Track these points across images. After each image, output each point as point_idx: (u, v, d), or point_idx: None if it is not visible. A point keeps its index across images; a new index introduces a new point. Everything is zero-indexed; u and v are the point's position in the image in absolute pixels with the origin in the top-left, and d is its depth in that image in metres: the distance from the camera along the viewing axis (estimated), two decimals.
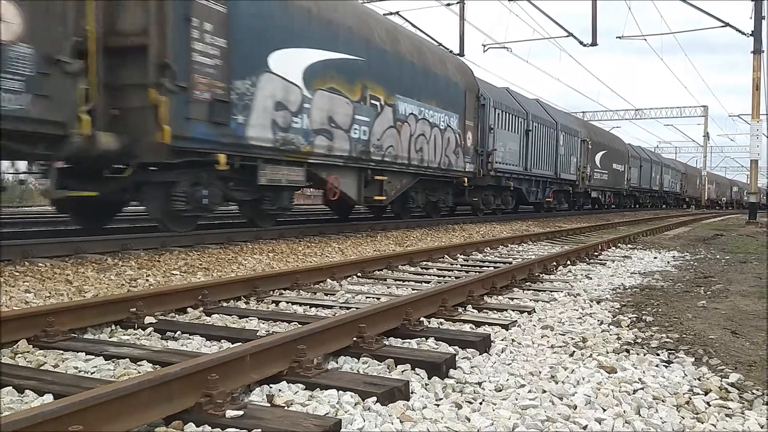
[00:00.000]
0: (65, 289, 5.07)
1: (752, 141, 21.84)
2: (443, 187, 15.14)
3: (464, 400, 2.63)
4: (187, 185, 8.01)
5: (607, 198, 30.76)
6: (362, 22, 11.24)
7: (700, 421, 2.48)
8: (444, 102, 14.06)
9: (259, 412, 2.33)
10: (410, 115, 12.67)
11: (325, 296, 5.10)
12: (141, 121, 7.13)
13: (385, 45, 11.73)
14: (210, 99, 7.81)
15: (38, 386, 2.56)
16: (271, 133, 8.97)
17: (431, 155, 13.63)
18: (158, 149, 7.16)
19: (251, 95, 8.57)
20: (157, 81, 7.12)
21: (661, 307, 4.81)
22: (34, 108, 6.04)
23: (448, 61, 14.78)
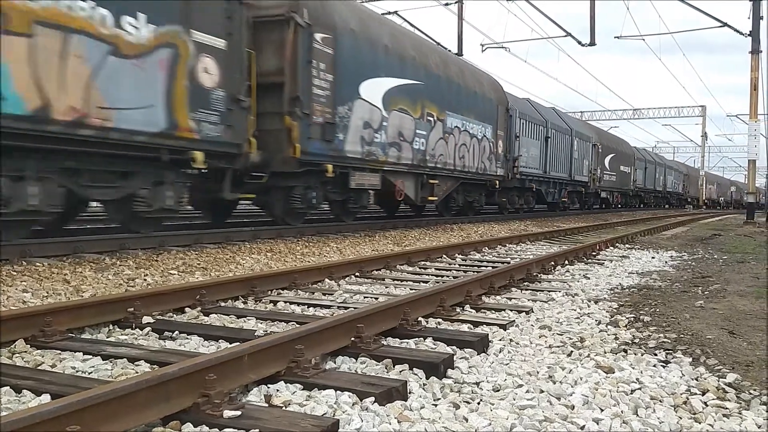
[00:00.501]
0: (63, 288, 5.07)
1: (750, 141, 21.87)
2: (478, 189, 17.24)
3: (462, 400, 2.63)
4: (302, 189, 10.17)
5: (615, 198, 32.76)
6: (421, 52, 13.48)
7: (698, 422, 2.48)
8: (481, 115, 16.25)
9: (257, 412, 2.33)
10: (455, 127, 14.82)
11: (323, 296, 5.10)
12: (278, 140, 9.34)
13: (438, 70, 13.97)
14: (322, 122, 10.04)
15: (36, 386, 2.55)
16: (360, 146, 11.11)
17: (470, 162, 15.76)
18: (290, 162, 9.43)
19: (348, 117, 10.75)
20: (290, 110, 9.41)
21: (659, 307, 4.81)
22: (225, 134, 8.22)
23: (484, 80, 17.10)
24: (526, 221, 18.07)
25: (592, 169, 27.23)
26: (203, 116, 7.86)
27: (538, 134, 21.16)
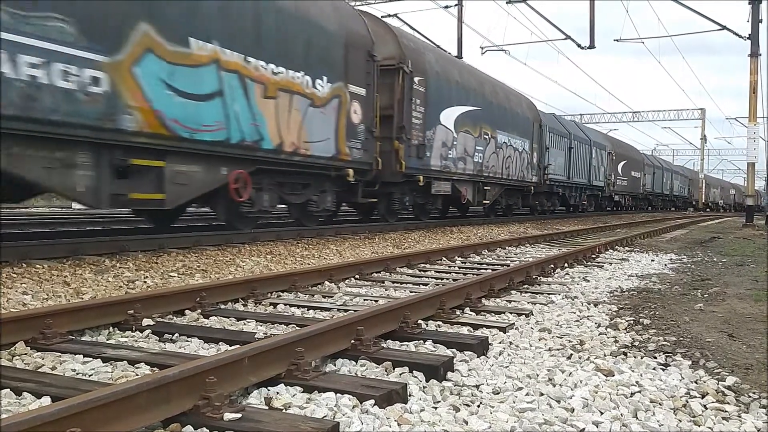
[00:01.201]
0: (63, 290, 5.07)
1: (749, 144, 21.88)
2: (517, 194, 20.42)
3: (462, 403, 2.64)
4: (400, 194, 13.23)
5: (627, 200, 35.91)
6: (480, 83, 16.61)
7: (697, 424, 2.48)
8: (521, 132, 19.32)
9: (257, 414, 2.33)
10: (503, 143, 17.87)
11: (323, 298, 5.10)
12: (389, 158, 12.22)
13: (491, 97, 17.09)
14: (417, 144, 13.04)
15: (36, 388, 2.56)
16: (439, 161, 14.11)
17: (513, 171, 18.73)
18: (396, 174, 12.43)
19: (432, 139, 13.75)
20: (398, 135, 12.41)
21: (659, 310, 4.82)
22: (364, 156, 11.24)
23: (522, 101, 20.31)
24: (525, 224, 18.10)
25: (607, 174, 30.28)
26: (353, 144, 10.92)
27: (563, 145, 23.96)
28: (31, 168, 6.09)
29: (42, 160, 6.15)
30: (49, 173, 6.22)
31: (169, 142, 7.36)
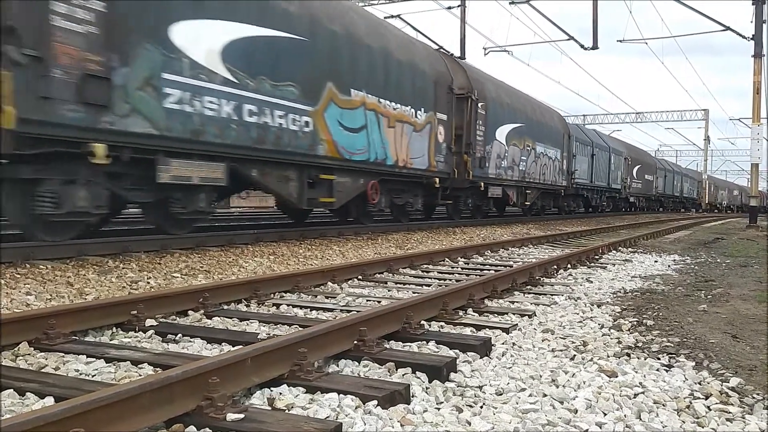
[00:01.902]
0: (66, 291, 5.08)
1: (753, 144, 21.82)
2: (550, 196, 23.66)
3: (465, 404, 2.63)
4: (464, 198, 16.52)
5: (641, 202, 39.11)
6: (523, 103, 19.80)
7: (701, 426, 2.48)
8: (554, 142, 22.35)
9: (260, 415, 2.33)
10: (541, 153, 20.91)
11: (325, 299, 5.10)
12: (461, 169, 14.96)
13: (532, 114, 20.20)
14: (480, 156, 15.78)
15: (39, 389, 2.56)
16: (494, 170, 17.05)
17: (548, 177, 21.83)
18: (465, 182, 15.18)
19: (490, 152, 16.60)
20: (467, 150, 15.10)
21: (662, 311, 4.81)
22: (445, 167, 14.27)
23: (555, 116, 23.81)
24: (529, 224, 18.10)
25: (624, 178, 33.29)
26: (438, 158, 14.00)
27: (586, 152, 27.06)
28: (270, 180, 9.24)
29: (276, 176, 9.32)
30: (278, 184, 9.40)
31: (338, 163, 10.52)
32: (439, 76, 14.02)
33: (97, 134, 6.53)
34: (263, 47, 8.72)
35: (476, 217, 17.88)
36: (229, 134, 8.15)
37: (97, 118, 6.50)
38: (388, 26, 13.26)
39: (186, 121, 7.53)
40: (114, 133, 6.70)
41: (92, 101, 6.40)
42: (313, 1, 9.83)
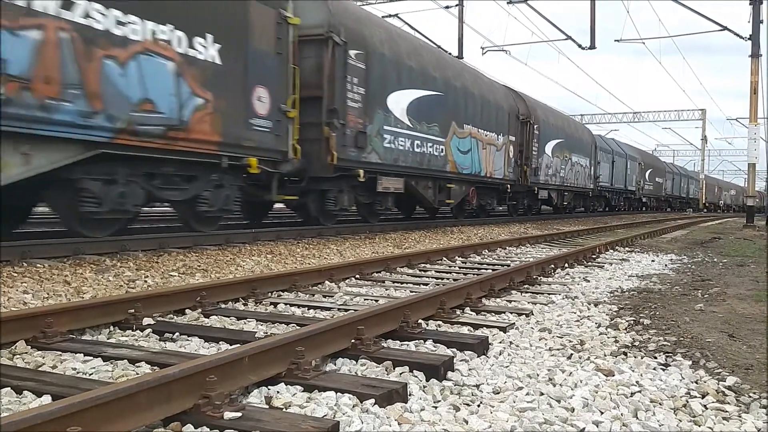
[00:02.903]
0: (63, 290, 5.07)
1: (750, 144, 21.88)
2: (580, 198, 27.84)
3: (462, 403, 2.64)
4: (522, 199, 20.30)
5: (652, 202, 43.40)
6: (564, 122, 24.50)
7: (697, 424, 2.48)
8: (584, 152, 26.69)
9: (258, 413, 2.33)
10: (575, 162, 25.29)
11: (323, 298, 5.10)
12: (522, 176, 19.60)
13: (569, 130, 24.72)
14: (534, 167, 19.93)
15: (36, 387, 2.56)
16: (543, 177, 21.25)
17: (579, 181, 26.13)
18: (524, 187, 19.63)
19: (540, 163, 20.80)
20: (526, 163, 19.68)
21: (659, 311, 4.82)
22: (513, 176, 19.27)
23: (585, 131, 28.77)
24: (526, 224, 18.12)
25: (638, 181, 37.61)
26: (509, 169, 18.47)
27: (607, 159, 31.16)
28: (421, 188, 13.83)
29: (424, 185, 13.95)
30: (425, 190, 14.01)
31: (455, 175, 15.23)
32: (510, 108, 18.78)
33: (360, 164, 11.30)
34: (424, 102, 13.40)
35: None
36: (407, 160, 12.91)
37: (360, 155, 11.28)
38: (481, 75, 17.83)
39: (391, 153, 12.33)
40: (366, 163, 11.48)
41: (359, 146, 11.23)
42: (446, 67, 14.73)
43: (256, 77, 8.73)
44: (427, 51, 14.19)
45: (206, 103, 7.89)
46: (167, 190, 7.92)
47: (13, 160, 5.94)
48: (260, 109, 8.83)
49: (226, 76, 8.18)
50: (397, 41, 12.69)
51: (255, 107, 8.73)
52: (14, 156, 5.95)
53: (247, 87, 8.59)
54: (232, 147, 8.39)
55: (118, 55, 6.79)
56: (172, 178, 7.89)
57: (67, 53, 6.26)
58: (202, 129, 7.83)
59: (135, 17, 6.94)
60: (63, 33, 6.20)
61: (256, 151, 8.80)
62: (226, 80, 8.18)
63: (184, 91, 7.58)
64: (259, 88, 8.80)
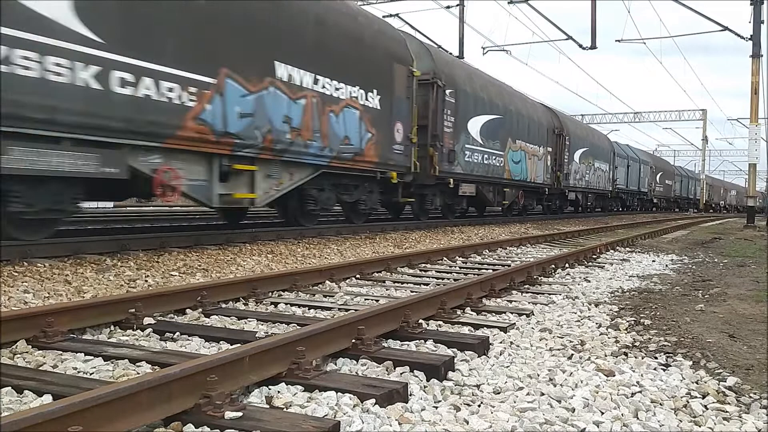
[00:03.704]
0: (64, 289, 5.07)
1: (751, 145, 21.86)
2: (601, 199, 30.88)
3: (462, 403, 2.64)
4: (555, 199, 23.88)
5: (662, 203, 46.71)
6: (589, 133, 28.35)
7: (698, 425, 2.48)
8: (604, 158, 29.97)
9: (258, 413, 2.33)
10: (597, 167, 28.40)
11: (323, 298, 5.10)
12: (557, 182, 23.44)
13: (592, 140, 28.07)
14: (565, 172, 23.28)
15: (37, 387, 2.56)
16: (572, 181, 24.35)
17: (600, 185, 29.25)
18: (557, 189, 23.19)
19: (570, 168, 23.94)
20: (558, 169, 23.21)
21: (660, 311, 4.82)
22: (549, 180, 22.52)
23: (605, 139, 32.32)
24: (527, 224, 18.12)
25: (650, 183, 41.06)
26: (547, 175, 21.51)
27: (624, 164, 34.54)
28: (486, 192, 17.15)
29: (486, 189, 17.13)
30: (488, 194, 17.32)
31: (509, 182, 18.49)
32: (548, 124, 22.21)
33: (451, 175, 14.59)
34: (491, 124, 16.91)
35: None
36: (478, 170, 16.29)
37: (450, 168, 14.57)
38: (527, 98, 21.05)
39: (468, 165, 15.64)
40: (453, 174, 14.77)
41: (450, 160, 14.49)
42: (504, 95, 18.22)
43: (396, 116, 12.27)
44: (492, 84, 17.98)
45: (372, 136, 11.48)
46: (344, 195, 11.52)
47: (285, 176, 9.54)
48: (397, 138, 12.38)
49: (382, 116, 11.79)
50: (474, 79, 16.58)
51: (395, 137, 12.30)
52: (286, 174, 9.55)
53: (391, 123, 12.15)
54: (383, 165, 11.95)
55: (335, 109, 10.39)
56: (347, 186, 11.49)
57: (315, 111, 9.87)
58: (369, 154, 11.43)
59: (343, 84, 10.60)
60: (313, 99, 9.83)
61: (395, 167, 12.33)
62: (381, 119, 11.78)
63: (363, 129, 11.22)
64: (398, 123, 12.37)
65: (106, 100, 6.57)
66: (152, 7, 7.09)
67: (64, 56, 6.18)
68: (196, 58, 7.60)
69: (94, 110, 6.46)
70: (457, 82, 15.06)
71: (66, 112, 6.21)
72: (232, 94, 8.17)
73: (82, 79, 6.35)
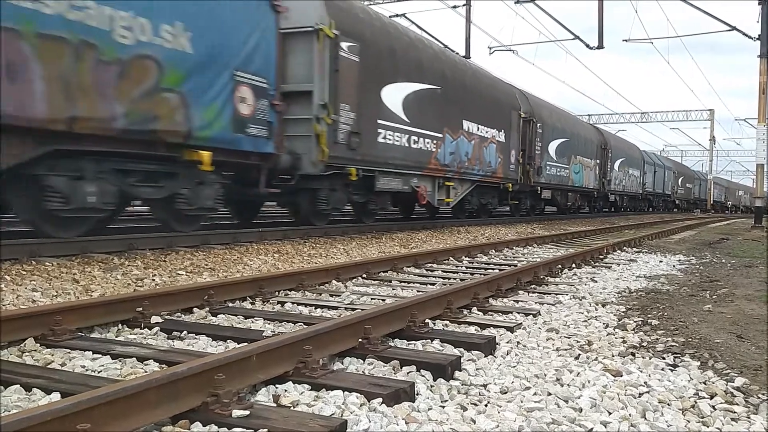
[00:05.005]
0: (72, 288, 5.09)
1: (759, 145, 21.76)
2: (633, 200, 35.84)
3: (469, 402, 2.64)
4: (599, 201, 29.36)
5: (683, 204, 51.75)
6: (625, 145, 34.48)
7: (706, 425, 2.47)
8: (636, 166, 35.46)
9: (266, 412, 2.34)
10: (631, 174, 33.64)
11: (330, 297, 5.10)
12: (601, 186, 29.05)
13: (629, 152, 33.78)
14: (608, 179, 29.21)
15: (45, 385, 2.57)
16: (614, 186, 30.15)
17: (633, 188, 34.50)
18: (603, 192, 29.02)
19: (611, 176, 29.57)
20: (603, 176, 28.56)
21: (667, 311, 4.80)
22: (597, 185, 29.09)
23: (637, 150, 37.15)
24: (533, 224, 18.09)
25: (673, 186, 46.63)
26: (596, 181, 27.44)
27: (651, 170, 39.69)
28: (556, 196, 23.19)
29: (558, 194, 23.37)
30: (558, 197, 23.33)
31: (572, 188, 24.20)
32: (597, 141, 27.57)
33: (538, 184, 20.47)
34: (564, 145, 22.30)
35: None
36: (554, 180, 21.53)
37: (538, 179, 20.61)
38: (583, 122, 27.59)
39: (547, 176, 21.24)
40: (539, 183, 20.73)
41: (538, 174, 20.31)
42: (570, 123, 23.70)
43: (511, 145, 18.07)
44: (563, 115, 24.27)
45: (501, 160, 17.31)
46: (482, 199, 17.20)
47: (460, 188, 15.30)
48: (511, 160, 18.12)
49: (505, 146, 17.64)
50: (553, 113, 22.37)
51: (510, 159, 18.01)
52: (461, 187, 15.35)
53: (509, 150, 17.95)
54: (504, 179, 17.76)
55: (485, 144, 16.28)
56: (483, 194, 17.17)
57: (477, 147, 15.72)
58: (499, 172, 17.23)
59: (488, 128, 16.44)
60: (477, 140, 15.75)
61: (510, 180, 18.09)
62: (504, 148, 17.62)
63: (496, 156, 17.02)
64: (512, 150, 18.18)
65: (407, 151, 12.61)
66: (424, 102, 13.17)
67: (398, 131, 12.27)
68: (437, 125, 13.74)
69: (403, 156, 12.46)
70: (543, 117, 20.82)
71: (395, 158, 12.18)
72: (447, 142, 14.21)
73: (402, 143, 12.43)
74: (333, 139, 10.20)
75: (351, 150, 10.67)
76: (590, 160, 26.24)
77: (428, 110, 13.17)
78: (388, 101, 11.83)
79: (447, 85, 13.89)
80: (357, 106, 10.76)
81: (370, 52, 11.10)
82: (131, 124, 6.97)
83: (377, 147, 11.49)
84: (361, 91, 10.91)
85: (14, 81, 5.82)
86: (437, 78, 13.50)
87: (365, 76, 10.97)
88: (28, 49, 5.93)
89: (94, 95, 6.55)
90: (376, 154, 11.43)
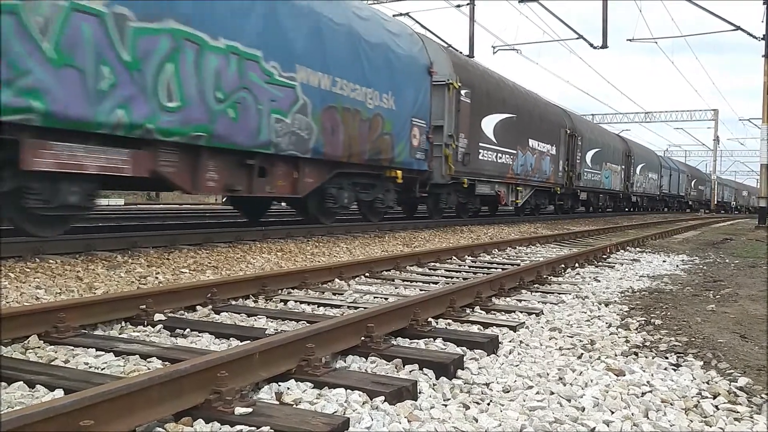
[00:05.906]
0: (75, 285, 5.11)
1: (762, 145, 21.71)
2: (652, 201, 39.13)
3: (472, 401, 2.64)
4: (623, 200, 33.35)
5: (695, 204, 54.91)
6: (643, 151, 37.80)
7: (709, 425, 2.47)
8: (655, 170, 38.61)
9: (268, 409, 2.34)
10: (650, 177, 37.59)
11: (333, 296, 5.11)
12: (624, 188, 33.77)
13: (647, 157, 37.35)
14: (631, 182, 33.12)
15: (49, 381, 2.58)
16: (635, 188, 34.28)
17: (651, 190, 37.77)
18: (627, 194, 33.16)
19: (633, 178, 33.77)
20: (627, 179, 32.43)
21: (670, 311, 4.79)
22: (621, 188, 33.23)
23: (654, 154, 41.68)
24: (536, 224, 18.07)
25: (686, 188, 50.22)
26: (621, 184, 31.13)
27: (667, 173, 42.65)
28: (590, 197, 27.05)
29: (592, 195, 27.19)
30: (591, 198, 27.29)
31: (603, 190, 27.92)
32: (623, 148, 30.85)
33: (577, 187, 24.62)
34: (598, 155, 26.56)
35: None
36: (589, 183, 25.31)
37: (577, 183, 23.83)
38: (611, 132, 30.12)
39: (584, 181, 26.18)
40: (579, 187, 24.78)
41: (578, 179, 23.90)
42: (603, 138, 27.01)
43: (559, 155, 21.58)
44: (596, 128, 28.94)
45: (552, 169, 20.81)
46: (538, 201, 20.58)
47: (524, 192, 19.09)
48: (560, 168, 21.77)
49: (555, 157, 21.32)
50: (590, 128, 27.25)
51: (559, 167, 21.50)
52: (524, 191, 19.14)
53: (557, 160, 21.34)
54: (554, 184, 21.34)
55: (543, 156, 20.06)
56: (539, 197, 20.63)
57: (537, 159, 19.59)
58: (551, 179, 20.82)
59: (545, 144, 20.32)
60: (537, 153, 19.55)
61: (558, 185, 21.66)
62: (555, 159, 21.34)
63: (549, 165, 20.59)
64: (560, 160, 21.87)
65: (497, 165, 16.39)
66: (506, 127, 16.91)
67: (490, 150, 15.90)
68: (514, 144, 17.48)
69: (492, 169, 16.16)
70: (583, 131, 24.90)
71: (490, 172, 16.09)
72: (519, 156, 17.79)
73: (492, 159, 16.04)
74: (455, 158, 14.11)
75: (464, 166, 14.59)
76: (617, 166, 30.24)
77: (508, 133, 17.30)
78: (484, 128, 15.91)
79: (520, 113, 18.13)
80: (468, 134, 14.76)
81: (476, 95, 15.17)
82: (371, 156, 11.16)
83: (478, 162, 15.45)
84: (471, 123, 14.94)
85: (333, 135, 10.01)
86: (514, 108, 17.70)
87: (473, 112, 15.05)
88: (339, 117, 10.13)
89: (358, 140, 10.71)
90: (477, 168, 15.40)
